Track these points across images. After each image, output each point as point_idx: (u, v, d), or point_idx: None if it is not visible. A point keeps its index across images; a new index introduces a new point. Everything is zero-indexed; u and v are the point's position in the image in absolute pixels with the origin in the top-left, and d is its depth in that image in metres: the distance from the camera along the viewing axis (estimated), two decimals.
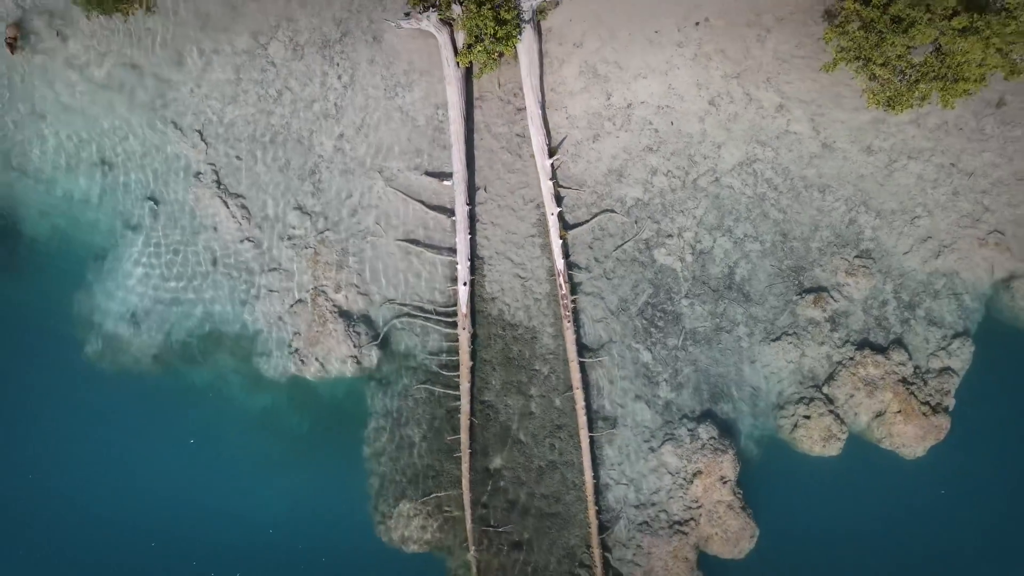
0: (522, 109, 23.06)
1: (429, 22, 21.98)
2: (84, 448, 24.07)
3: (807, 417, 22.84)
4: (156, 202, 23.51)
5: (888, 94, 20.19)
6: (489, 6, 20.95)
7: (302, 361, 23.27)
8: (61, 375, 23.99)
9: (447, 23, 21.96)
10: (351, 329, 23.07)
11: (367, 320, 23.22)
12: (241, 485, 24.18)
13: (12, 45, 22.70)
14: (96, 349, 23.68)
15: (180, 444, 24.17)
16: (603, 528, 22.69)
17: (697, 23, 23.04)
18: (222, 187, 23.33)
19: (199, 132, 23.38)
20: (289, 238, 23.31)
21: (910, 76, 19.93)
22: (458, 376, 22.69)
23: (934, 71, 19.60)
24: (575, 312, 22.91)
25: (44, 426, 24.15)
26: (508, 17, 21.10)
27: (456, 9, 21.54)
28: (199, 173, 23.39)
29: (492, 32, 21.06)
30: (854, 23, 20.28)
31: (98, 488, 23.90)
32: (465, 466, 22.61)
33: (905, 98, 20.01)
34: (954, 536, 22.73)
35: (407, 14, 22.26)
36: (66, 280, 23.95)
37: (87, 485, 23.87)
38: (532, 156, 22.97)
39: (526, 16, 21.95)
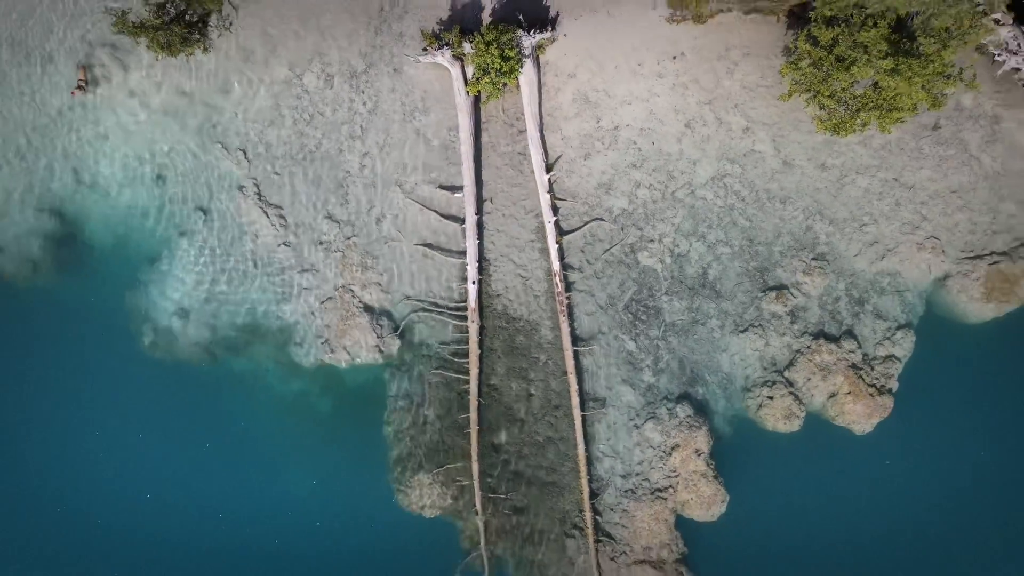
0: (523, 131, 26.67)
1: (443, 57, 25.61)
2: (135, 429, 27.53)
3: (770, 398, 26.43)
4: (205, 212, 27.08)
5: (834, 121, 23.83)
6: (496, 45, 24.57)
7: (331, 350, 26.79)
8: (118, 365, 27.45)
9: (458, 58, 25.58)
10: (374, 322, 26.63)
11: (388, 314, 26.79)
12: (274, 462, 27.60)
13: (82, 88, 26.11)
14: (151, 341, 27.18)
15: (222, 426, 27.65)
16: (594, 495, 26.22)
17: (674, 57, 26.70)
18: (263, 199, 26.92)
19: (243, 151, 26.98)
20: (321, 243, 26.90)
21: (852, 106, 23.56)
22: (468, 363, 26.24)
23: (872, 102, 23.23)
24: (570, 307, 26.49)
25: (100, 411, 27.56)
26: (511, 54, 24.73)
27: (467, 47, 25.16)
28: (243, 187, 26.98)
29: (498, 67, 24.67)
30: (806, 60, 23.93)
31: (149, 461, 27.36)
32: (474, 441, 26.14)
33: (848, 124, 23.64)
34: (898, 500, 26.25)
35: (424, 50, 25.89)
36: (124, 280, 27.45)
37: (141, 459, 27.34)
38: (532, 172, 26.59)
39: (527, 52, 25.57)
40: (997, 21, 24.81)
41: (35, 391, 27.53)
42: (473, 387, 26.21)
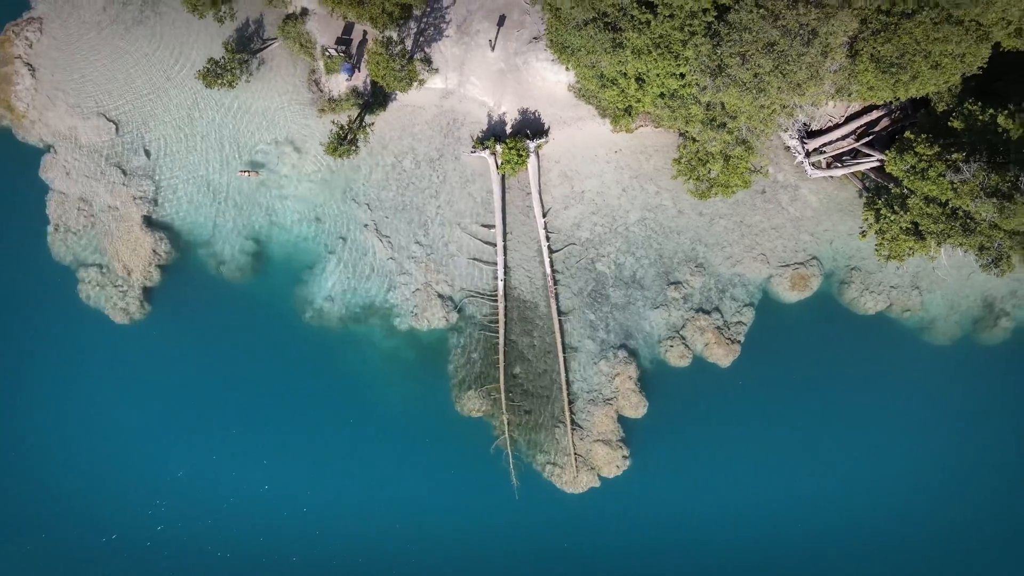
0: (529, 194, 48.98)
1: (484, 153, 47.90)
2: (297, 367, 49.01)
3: (672, 346, 48.65)
4: (344, 239, 49.01)
5: (699, 192, 46.26)
6: (514, 148, 46.89)
7: (417, 320, 48.58)
8: (290, 331, 48.94)
9: (493, 153, 47.88)
10: (444, 303, 48.57)
11: (452, 299, 48.77)
12: (375, 391, 49.20)
13: (246, 173, 47.93)
14: (310, 316, 48.75)
15: (349, 366, 49.24)
16: (571, 402, 48.17)
17: (616, 151, 49.25)
18: (378, 231, 48.94)
19: (367, 204, 49.05)
20: (412, 257, 48.89)
21: (709, 184, 46.07)
22: (497, 326, 48.23)
23: (718, 182, 45.79)
24: (556, 294, 48.59)
25: (278, 360, 49.02)
26: (523, 153, 47.06)
27: (498, 148, 47.48)
28: (366, 225, 49.00)
29: (515, 160, 47.03)
30: (685, 158, 46.47)
31: (305, 387, 48.82)
32: (501, 372, 47.97)
33: (706, 194, 46.08)
34: (746, 401, 48.45)
35: (473, 148, 48.13)
36: (293, 279, 49.00)
37: (303, 387, 48.82)
38: (534, 217, 48.83)
39: (531, 150, 47.92)
40: (791, 136, 47.79)
41: (238, 350, 48.97)
42: (501, 340, 48.14)
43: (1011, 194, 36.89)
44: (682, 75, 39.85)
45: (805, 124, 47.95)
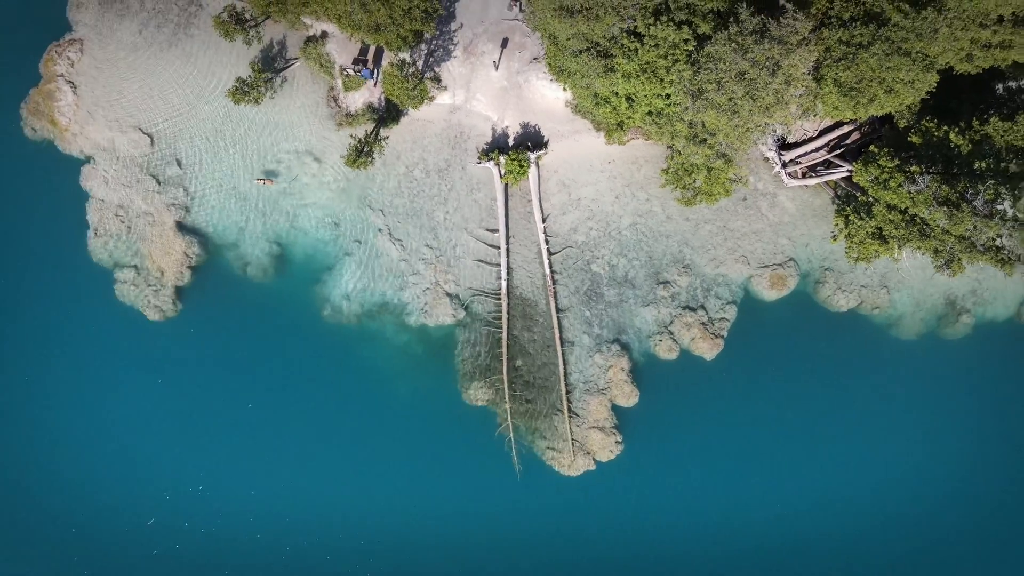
0: (530, 200, 54.20)
1: (489, 163, 53.13)
2: (312, 360, 54.20)
3: (661, 341, 53.87)
4: (360, 242, 54.19)
5: (685, 200, 51.50)
6: (516, 159, 52.13)
7: (427, 317, 53.73)
8: (310, 327, 54.11)
9: (496, 164, 53.10)
10: (451, 301, 53.75)
11: (459, 297, 53.95)
12: (388, 382, 54.38)
13: (262, 181, 53.13)
14: (328, 313, 53.91)
15: (364, 360, 54.45)
16: (569, 393, 53.37)
17: (609, 162, 54.50)
18: (391, 235, 54.12)
19: (381, 210, 54.23)
20: (423, 259, 54.06)
21: (694, 192, 51.30)
22: (501, 322, 53.41)
23: (702, 190, 51.04)
24: (555, 293, 53.80)
25: (298, 353, 54.22)
26: (524, 164, 52.30)
27: (502, 159, 52.71)
28: (380, 229, 54.17)
29: (517, 170, 52.26)
30: (672, 168, 51.71)
31: (318, 375, 54.02)
32: (504, 364, 53.15)
33: (692, 201, 51.32)
34: (727, 392, 53.73)
35: (479, 159, 53.36)
36: (313, 279, 54.20)
37: (314, 375, 54.00)
38: (535, 222, 54.05)
39: (532, 161, 53.15)
40: (770, 149, 53.07)
41: (262, 345, 54.12)
42: (504, 335, 53.32)
43: (959, 203, 42.17)
44: (668, 96, 45.10)
45: (782, 137, 53.28)
